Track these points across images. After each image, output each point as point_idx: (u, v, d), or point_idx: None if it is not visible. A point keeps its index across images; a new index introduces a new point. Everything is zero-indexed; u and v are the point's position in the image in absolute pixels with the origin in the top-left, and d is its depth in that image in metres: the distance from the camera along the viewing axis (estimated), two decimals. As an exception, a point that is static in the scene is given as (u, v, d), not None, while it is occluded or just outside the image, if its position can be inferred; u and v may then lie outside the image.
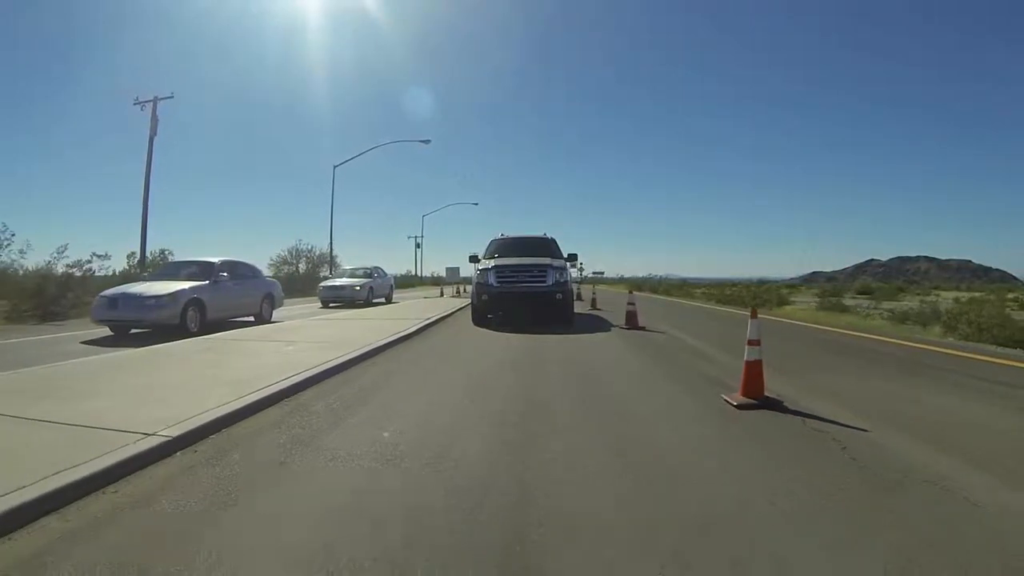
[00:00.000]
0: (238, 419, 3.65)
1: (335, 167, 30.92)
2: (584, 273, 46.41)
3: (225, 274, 10.51)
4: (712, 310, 16.98)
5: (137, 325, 8.96)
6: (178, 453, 2.99)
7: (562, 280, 10.24)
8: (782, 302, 18.74)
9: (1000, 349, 7.65)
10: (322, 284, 19.40)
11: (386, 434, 3.35)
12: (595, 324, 10.84)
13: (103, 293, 9.38)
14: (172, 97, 23.08)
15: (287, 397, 4.36)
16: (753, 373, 4.06)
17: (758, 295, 19.81)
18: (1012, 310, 17.00)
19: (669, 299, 25.36)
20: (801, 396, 4.38)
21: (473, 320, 10.68)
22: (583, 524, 2.14)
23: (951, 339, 9.03)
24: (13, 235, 14.43)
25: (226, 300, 10.36)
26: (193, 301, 9.29)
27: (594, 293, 17.46)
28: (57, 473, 2.48)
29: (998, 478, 2.66)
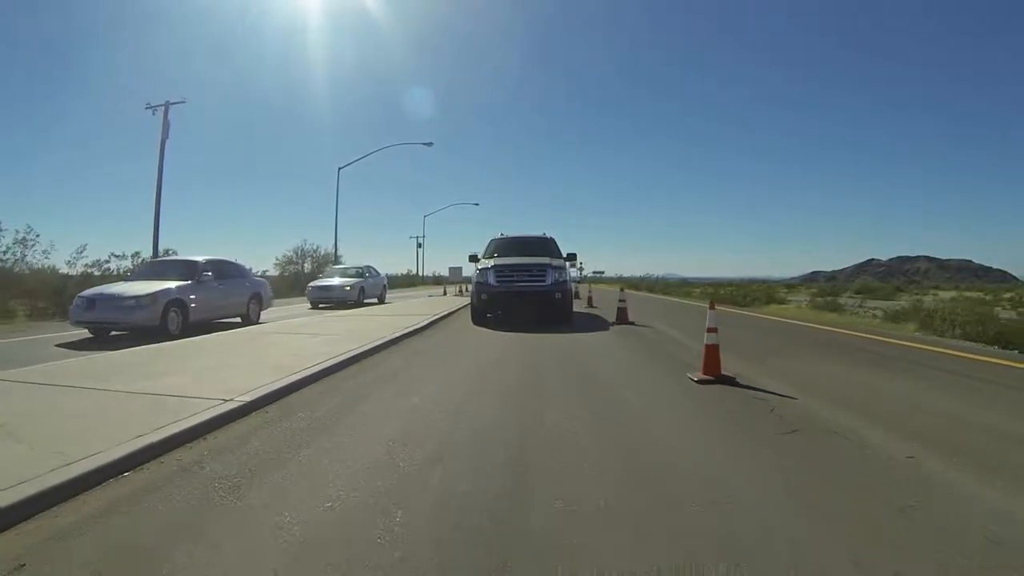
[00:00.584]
0: (292, 391, 4.51)
1: (339, 169, 31.71)
2: (584, 272, 47.20)
3: (209, 273, 10.10)
4: (703, 308, 17.83)
5: (115, 327, 8.61)
6: (254, 413, 3.85)
7: (561, 279, 10.41)
8: (771, 300, 19.58)
9: (960, 343, 8.27)
10: (311, 284, 18.35)
11: (416, 399, 4.22)
12: (589, 319, 11.69)
13: (81, 294, 8.98)
14: (184, 102, 23.91)
15: (325, 376, 5.22)
16: (711, 355, 4.93)
17: (748, 294, 20.68)
18: (1004, 309, 17.66)
19: (665, 298, 26.22)
20: (755, 375, 5.23)
21: (473, 320, 10.80)
22: (562, 446, 3.00)
23: (918, 334, 9.80)
24: (38, 235, 15.22)
25: (210, 300, 9.96)
26: (174, 302, 8.91)
27: (590, 292, 18.35)
28: (166, 426, 3.33)
29: (882, 428, 3.51)
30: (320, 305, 16.85)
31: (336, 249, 33.19)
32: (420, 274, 55.45)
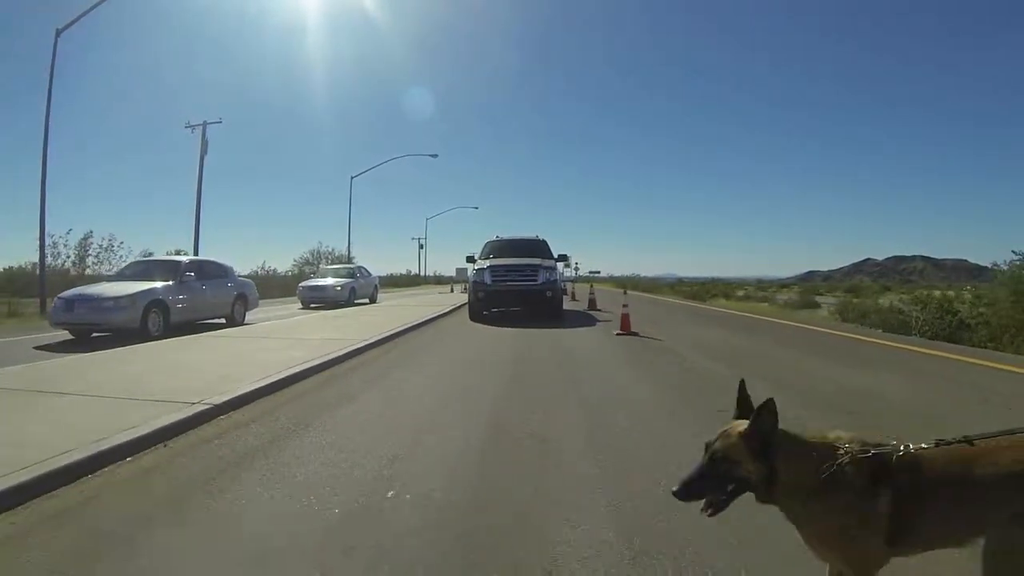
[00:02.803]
0: (391, 339, 8.20)
1: (352, 178, 35.06)
2: (579, 272, 50.87)
3: (192, 274, 10.07)
4: (666, 301, 21.72)
5: (96, 328, 8.52)
6: (382, 344, 7.56)
7: (552, 279, 11.31)
8: (727, 295, 23.54)
9: (856, 326, 11.43)
10: (302, 284, 18.48)
11: (457, 349, 7.95)
12: (566, 306, 15.38)
13: (61, 295, 8.94)
14: (220, 122, 26.87)
15: (400, 335, 8.91)
16: (624, 319, 8.71)
17: (709, 290, 24.68)
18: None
19: (642, 294, 30.14)
20: (653, 333, 8.95)
21: (470, 316, 11.78)
22: (540, 364, 6.71)
23: (821, 318, 13.49)
24: (121, 243, 18.57)
25: (193, 301, 9.92)
26: (155, 303, 8.84)
27: (573, 288, 22.18)
28: (351, 346, 7.01)
29: (697, 351, 7.21)
30: (312, 305, 16.84)
31: (349, 252, 36.63)
32: (422, 274, 58.83)
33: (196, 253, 26.29)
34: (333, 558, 1.90)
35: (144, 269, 10.31)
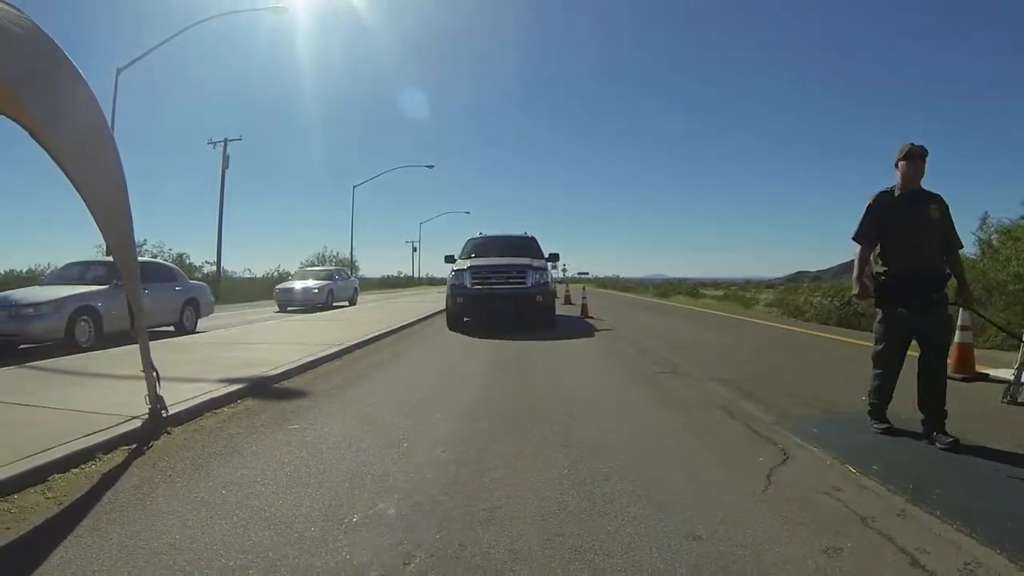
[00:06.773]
0: (413, 324, 11.47)
1: (354, 187, 38.19)
2: (567, 273, 54.22)
3: None
4: (633, 298, 25.28)
5: (15, 339, 7.38)
6: (405, 329, 10.84)
7: (542, 281, 10.01)
8: (691, 294, 27.17)
9: (787, 318, 15.43)
10: (278, 287, 17.74)
11: (462, 334, 11.30)
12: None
13: None
14: (240, 139, 29.82)
15: (411, 325, 12.16)
16: (583, 308, 12.19)
17: (675, 288, 28.32)
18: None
19: (619, 293, 33.71)
20: (605, 317, 12.33)
21: (448, 324, 10.29)
22: (527, 341, 10.06)
23: (755, 310, 17.04)
24: (181, 254, 21.39)
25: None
26: (84, 309, 7.84)
27: (555, 286, 25.66)
28: (393, 325, 10.31)
29: (623, 325, 10.61)
30: (288, 308, 16.34)
31: (352, 255, 39.56)
32: (416, 276, 61.84)
33: (219, 260, 28.04)
34: (446, 374, 5.22)
35: (79, 272, 9.18)
